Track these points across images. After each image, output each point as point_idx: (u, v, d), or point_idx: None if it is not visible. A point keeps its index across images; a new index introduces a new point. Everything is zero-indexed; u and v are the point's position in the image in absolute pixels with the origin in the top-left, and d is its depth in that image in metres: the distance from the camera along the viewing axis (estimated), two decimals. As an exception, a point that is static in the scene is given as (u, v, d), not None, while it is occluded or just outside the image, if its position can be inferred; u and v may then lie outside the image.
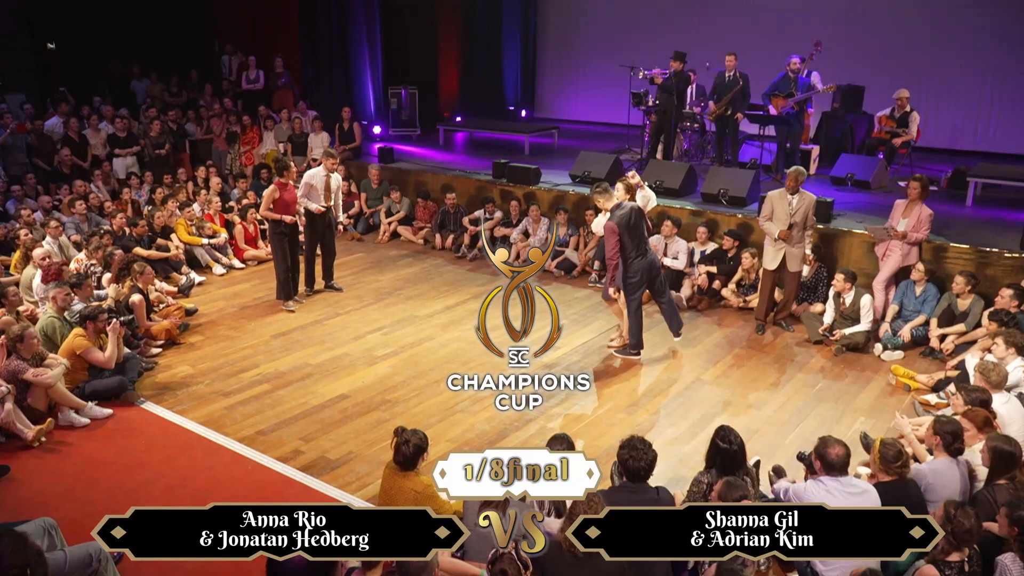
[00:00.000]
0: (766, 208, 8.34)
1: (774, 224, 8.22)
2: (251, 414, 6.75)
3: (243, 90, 15.49)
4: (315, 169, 9.38)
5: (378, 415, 6.73)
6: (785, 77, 11.25)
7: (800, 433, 6.45)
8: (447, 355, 7.94)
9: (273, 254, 9.31)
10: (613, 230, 7.30)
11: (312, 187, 9.21)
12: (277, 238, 9.06)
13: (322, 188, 9.24)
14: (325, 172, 9.26)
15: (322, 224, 9.49)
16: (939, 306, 8.11)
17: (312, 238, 9.59)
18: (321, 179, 9.23)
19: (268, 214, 8.95)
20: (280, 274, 9.19)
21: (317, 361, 7.79)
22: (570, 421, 6.64)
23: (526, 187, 11.39)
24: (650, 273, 7.62)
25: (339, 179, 9.55)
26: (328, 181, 9.27)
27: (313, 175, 9.24)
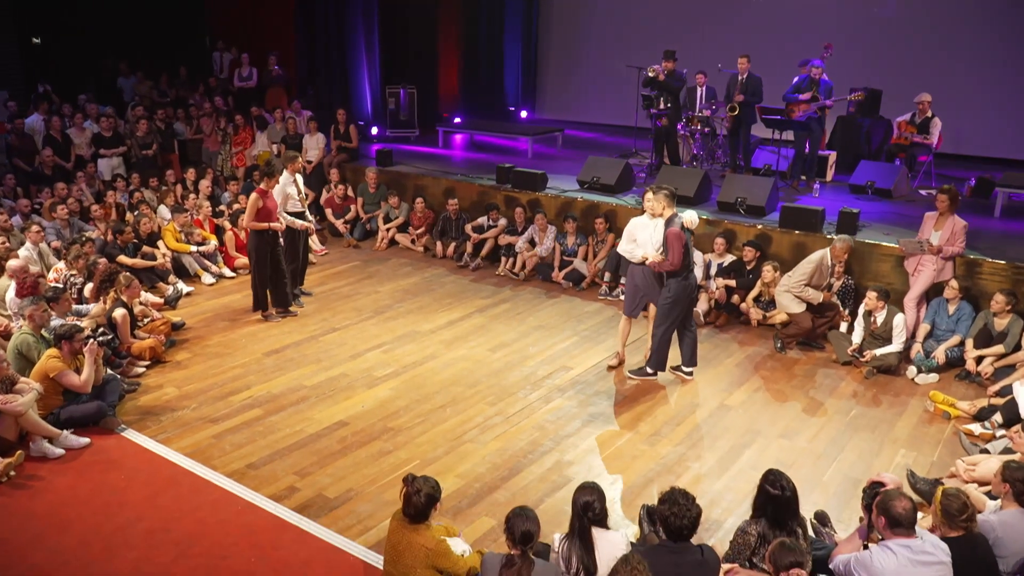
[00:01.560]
0: (810, 274, 7.96)
1: (815, 292, 8.00)
2: (241, 444, 6.21)
3: (235, 88, 14.93)
4: (283, 177, 8.79)
5: (379, 445, 6.20)
6: (809, 80, 10.75)
7: (839, 468, 5.95)
8: (452, 376, 7.41)
9: (251, 265, 8.77)
10: (680, 236, 6.76)
11: (288, 195, 8.72)
12: (259, 249, 8.52)
13: (296, 194, 8.74)
14: (293, 177, 8.76)
15: (298, 235, 9.01)
16: (975, 326, 7.63)
17: (292, 247, 9.06)
18: (292, 186, 8.73)
19: (255, 224, 8.37)
20: (258, 286, 8.67)
21: (313, 382, 7.26)
22: (588, 453, 6.13)
23: (532, 193, 10.87)
24: (692, 294, 7.12)
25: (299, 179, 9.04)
26: (298, 185, 8.80)
27: (285, 186, 8.72)
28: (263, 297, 8.70)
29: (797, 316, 7.95)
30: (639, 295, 7.36)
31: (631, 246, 7.23)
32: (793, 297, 7.96)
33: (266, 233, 8.40)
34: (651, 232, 7.07)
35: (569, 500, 5.44)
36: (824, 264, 7.93)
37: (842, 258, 8.05)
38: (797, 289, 7.91)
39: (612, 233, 10.00)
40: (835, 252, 7.99)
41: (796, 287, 7.91)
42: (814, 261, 7.93)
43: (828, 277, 8.02)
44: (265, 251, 8.46)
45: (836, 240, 8.04)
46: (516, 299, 9.50)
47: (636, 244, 7.19)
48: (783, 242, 9.09)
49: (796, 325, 7.97)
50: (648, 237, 7.09)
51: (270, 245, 8.49)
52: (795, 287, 7.92)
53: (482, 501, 5.49)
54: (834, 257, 7.98)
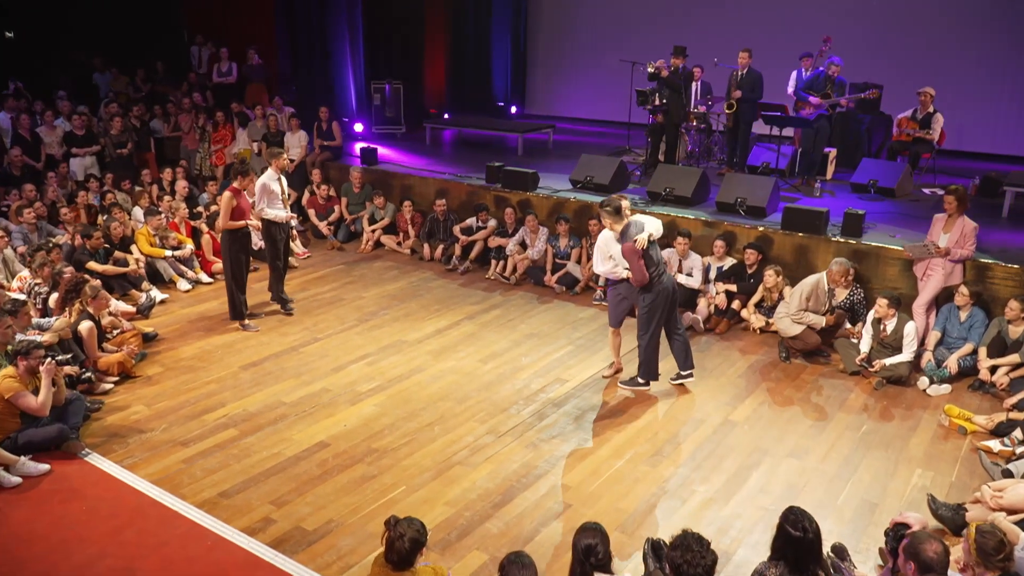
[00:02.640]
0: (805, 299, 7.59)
1: (815, 316, 7.63)
2: (214, 469, 5.79)
3: (214, 84, 14.43)
4: (267, 173, 8.39)
5: (363, 469, 5.79)
6: (825, 76, 10.37)
7: (854, 491, 5.58)
8: (440, 391, 7.00)
9: (225, 271, 8.36)
10: (634, 250, 6.40)
11: (271, 192, 8.28)
12: (232, 252, 8.11)
13: (278, 193, 8.31)
14: (277, 175, 8.33)
15: (282, 234, 8.57)
16: (988, 333, 7.28)
17: (274, 250, 8.63)
18: (276, 183, 8.30)
19: (231, 224, 7.94)
20: (235, 293, 8.27)
21: (292, 399, 6.83)
22: (586, 476, 5.73)
23: (523, 193, 10.46)
24: (669, 298, 6.73)
25: (282, 179, 8.59)
26: (282, 184, 8.36)
27: (267, 183, 8.29)
28: (240, 305, 8.28)
29: (804, 333, 7.57)
30: (624, 304, 7.01)
31: (609, 264, 6.85)
32: (791, 321, 7.60)
33: (239, 235, 7.97)
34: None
35: (566, 529, 5.12)
36: (820, 288, 7.59)
37: (840, 282, 7.71)
38: (796, 317, 7.55)
39: (606, 235, 9.59)
40: (832, 277, 7.65)
41: (795, 315, 7.54)
42: (809, 285, 7.57)
43: (827, 301, 7.66)
44: (240, 255, 8.04)
45: (833, 264, 7.66)
46: (507, 305, 9.09)
47: (613, 260, 6.81)
48: (785, 244, 8.72)
49: (803, 341, 7.59)
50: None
51: (245, 249, 8.07)
52: (794, 315, 7.55)
53: (473, 533, 5.09)
54: (831, 281, 7.64)
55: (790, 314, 7.55)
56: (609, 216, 6.57)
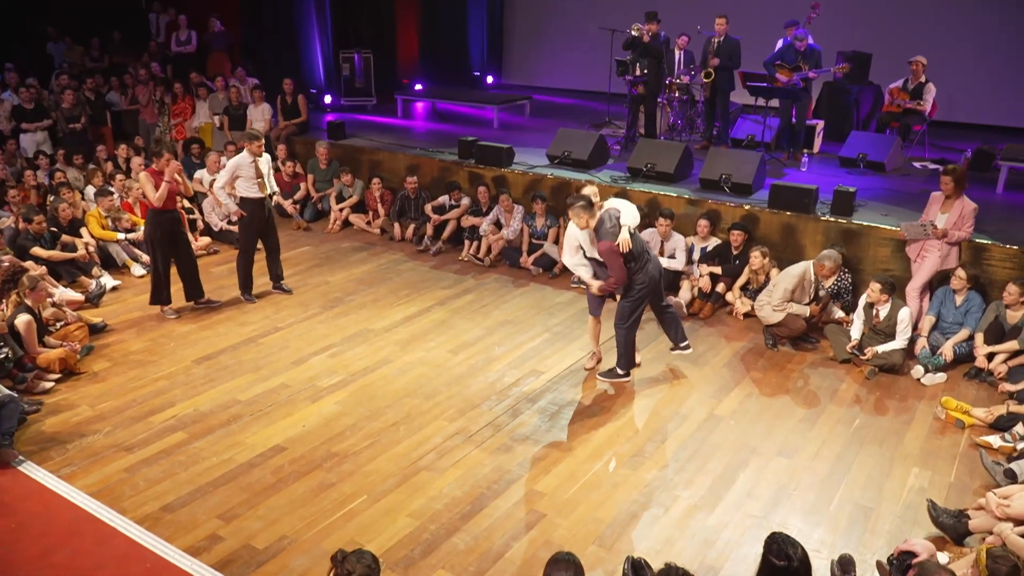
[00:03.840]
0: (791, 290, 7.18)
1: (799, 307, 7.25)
2: (159, 478, 5.33)
3: (173, 53, 13.75)
4: (239, 156, 7.89)
5: (321, 476, 5.35)
6: (790, 47, 9.92)
7: (848, 494, 5.21)
8: (407, 385, 6.56)
9: (150, 255, 7.90)
10: (614, 251, 5.93)
11: (236, 176, 7.78)
12: (153, 235, 7.61)
13: (252, 176, 7.78)
14: (251, 158, 7.79)
15: (260, 218, 8.05)
16: (985, 318, 6.92)
17: (249, 235, 8.13)
18: (248, 166, 7.77)
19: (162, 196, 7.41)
20: (156, 275, 7.76)
21: (248, 396, 6.37)
22: (562, 481, 5.32)
23: (497, 169, 9.95)
24: (655, 284, 6.30)
25: (268, 160, 8.09)
26: (257, 167, 7.82)
27: (239, 163, 7.80)
28: (162, 290, 7.79)
29: (788, 319, 7.18)
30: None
31: (577, 259, 6.40)
32: (772, 311, 7.20)
33: (163, 219, 7.47)
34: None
35: (539, 543, 4.72)
36: (807, 279, 7.19)
37: (828, 276, 7.33)
38: (779, 307, 7.14)
39: (585, 214, 9.13)
40: (820, 271, 7.25)
41: (779, 306, 7.14)
42: (795, 276, 7.14)
43: (812, 292, 7.27)
44: (164, 238, 7.55)
45: (826, 260, 7.23)
46: (480, 289, 8.64)
47: (583, 257, 6.35)
48: (772, 223, 8.30)
49: (787, 327, 7.20)
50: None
51: (169, 232, 7.56)
52: (778, 305, 7.14)
53: (438, 549, 4.68)
54: (818, 274, 7.25)
55: (773, 304, 7.14)
56: (583, 211, 5.98)
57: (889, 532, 4.83)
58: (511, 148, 10.03)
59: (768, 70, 9.96)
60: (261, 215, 8.02)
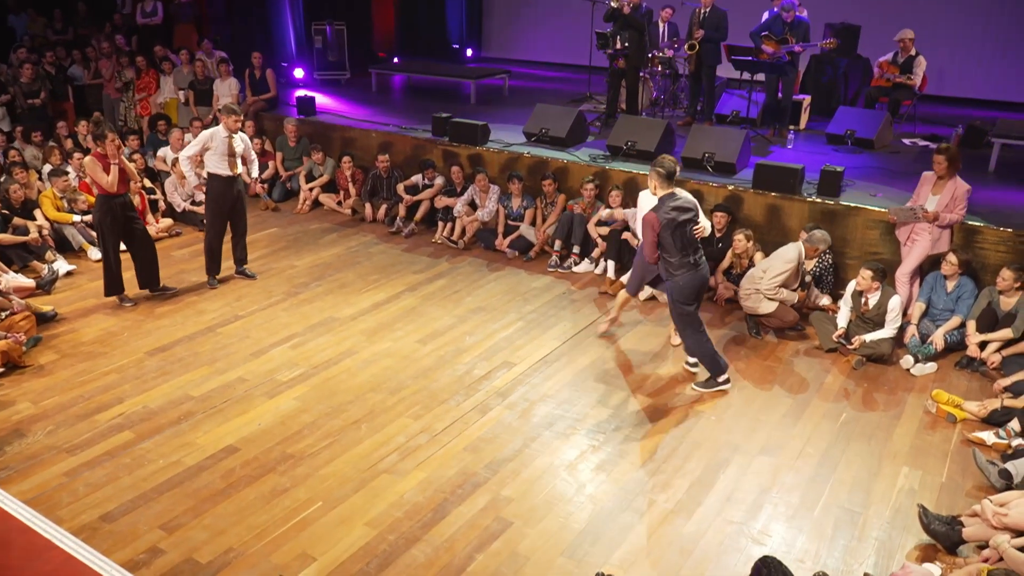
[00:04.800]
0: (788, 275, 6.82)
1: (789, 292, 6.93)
2: (100, 483, 4.98)
3: (138, 25, 13.19)
4: (214, 128, 7.49)
5: (274, 481, 5.02)
6: (777, 18, 9.53)
7: (833, 497, 4.92)
8: (371, 379, 6.21)
9: (99, 241, 7.46)
10: (652, 223, 5.60)
11: (205, 148, 7.38)
12: (103, 221, 7.19)
13: (224, 152, 7.38)
14: (227, 133, 7.38)
15: (229, 197, 7.67)
16: (977, 305, 6.62)
17: (216, 215, 7.74)
18: (222, 141, 7.38)
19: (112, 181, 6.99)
20: (107, 263, 7.35)
21: (201, 391, 6.01)
22: (531, 485, 5.00)
23: (472, 147, 9.55)
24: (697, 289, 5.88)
25: (245, 140, 7.70)
26: (231, 144, 7.41)
27: (212, 135, 7.43)
28: (115, 279, 7.40)
29: (779, 310, 6.85)
30: (648, 274, 6.31)
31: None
32: (763, 298, 6.87)
33: (113, 204, 7.05)
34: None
35: (506, 554, 4.41)
36: (801, 262, 6.85)
37: (815, 256, 7.03)
38: (771, 292, 6.80)
39: (563, 194, 8.78)
40: (809, 253, 6.94)
41: (770, 290, 6.80)
42: (792, 260, 6.78)
43: (801, 276, 6.95)
44: (115, 223, 7.13)
45: (819, 241, 6.93)
46: (454, 273, 8.27)
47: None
48: (756, 205, 7.96)
49: (779, 319, 6.87)
50: None
51: (121, 218, 7.15)
52: (769, 290, 6.81)
53: (396, 562, 4.36)
54: (808, 254, 6.92)
55: (764, 291, 6.80)
56: (657, 178, 5.65)
57: (878, 540, 4.55)
58: (486, 125, 9.61)
59: (754, 41, 9.57)
60: (229, 194, 7.63)
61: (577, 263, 8.36)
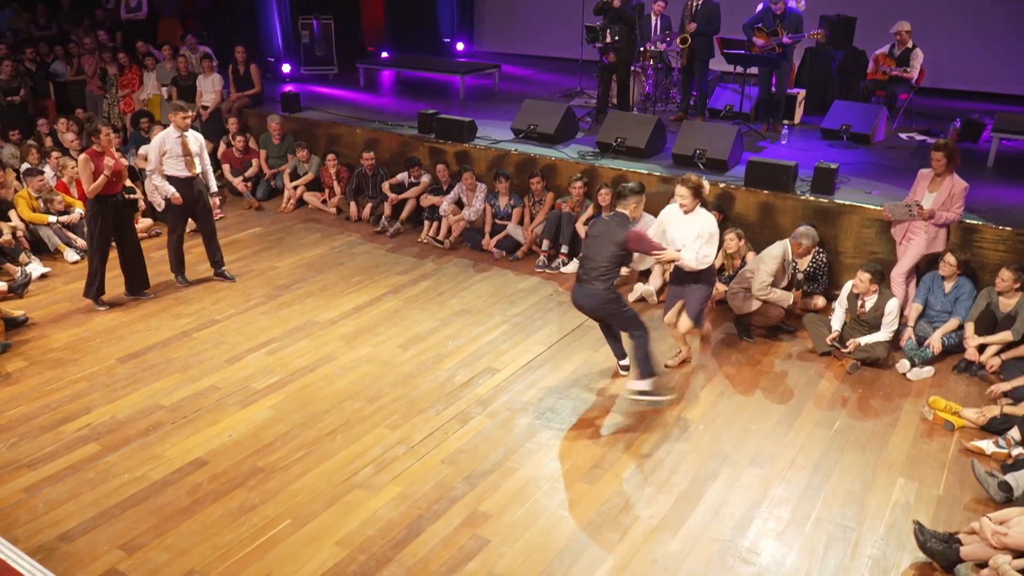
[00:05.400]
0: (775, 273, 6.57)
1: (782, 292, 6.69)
2: (61, 500, 4.78)
3: (123, 20, 12.95)
4: (165, 131, 7.30)
5: (242, 497, 4.81)
6: (768, 10, 9.29)
7: (825, 511, 4.72)
8: (349, 387, 6.01)
9: (88, 242, 7.30)
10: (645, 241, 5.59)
11: (162, 153, 7.20)
12: (95, 222, 7.00)
13: (179, 153, 7.19)
14: (178, 132, 7.19)
15: (190, 199, 7.47)
16: (976, 306, 6.42)
17: (179, 218, 7.57)
18: (175, 142, 7.18)
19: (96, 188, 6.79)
20: (93, 265, 7.18)
21: (172, 400, 5.81)
22: (510, 500, 4.80)
23: (459, 144, 9.32)
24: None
25: (199, 138, 7.52)
26: (185, 143, 7.21)
27: (164, 138, 7.24)
28: (97, 282, 7.22)
29: (762, 308, 6.64)
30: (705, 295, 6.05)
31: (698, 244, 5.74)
32: (747, 297, 6.67)
33: (107, 204, 6.87)
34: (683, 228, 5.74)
35: (483, 575, 4.22)
36: (787, 259, 6.63)
37: (804, 255, 6.80)
38: (762, 294, 6.58)
39: (551, 192, 8.56)
40: (796, 249, 6.72)
41: (761, 292, 6.58)
42: (777, 257, 6.56)
43: (790, 274, 6.73)
44: (107, 225, 6.95)
45: (802, 236, 6.69)
46: (439, 274, 8.06)
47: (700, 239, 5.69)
48: (749, 203, 7.74)
49: (763, 315, 6.67)
50: (679, 234, 5.74)
51: (114, 218, 6.97)
52: (760, 292, 6.59)
53: (366, 584, 4.17)
54: (795, 253, 6.72)
55: (756, 294, 6.59)
56: (688, 190, 5.57)
57: (871, 558, 4.35)
58: (473, 122, 9.38)
59: (746, 34, 9.35)
60: (190, 196, 7.46)
61: (565, 263, 8.14)
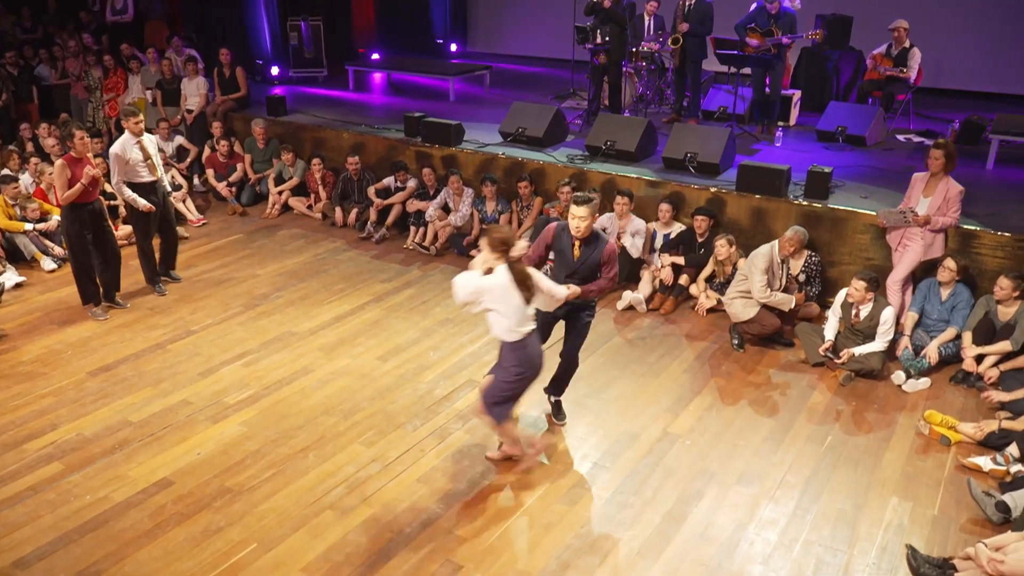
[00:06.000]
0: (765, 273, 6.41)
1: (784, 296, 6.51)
2: (19, 523, 4.58)
3: (109, 23, 12.76)
4: (121, 140, 7.11)
5: (207, 519, 4.62)
6: (762, 9, 9.09)
7: (814, 534, 4.51)
8: (325, 401, 5.81)
9: (67, 252, 7.15)
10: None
11: (125, 162, 7.04)
12: (72, 230, 6.84)
13: (139, 159, 7.03)
14: (134, 139, 7.04)
15: (155, 203, 7.30)
16: (974, 315, 6.21)
17: (141, 223, 7.40)
18: (133, 148, 7.03)
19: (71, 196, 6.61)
20: (79, 273, 7.02)
21: (141, 416, 5.61)
22: (487, 522, 4.60)
23: (446, 148, 9.13)
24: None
25: (154, 140, 7.43)
26: (143, 147, 7.08)
27: (122, 147, 7.07)
28: (91, 288, 7.07)
29: (761, 315, 6.44)
30: None
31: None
32: (747, 303, 6.47)
33: (82, 211, 6.69)
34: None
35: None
36: (774, 262, 6.44)
37: (790, 251, 6.61)
38: (764, 297, 6.38)
39: (539, 197, 8.37)
40: (785, 250, 6.55)
41: (763, 295, 6.37)
42: (765, 256, 6.40)
43: (782, 275, 6.54)
44: (82, 233, 6.78)
45: (786, 235, 6.56)
46: (423, 282, 7.86)
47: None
48: (741, 207, 7.54)
49: (759, 324, 6.47)
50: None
51: (90, 226, 6.81)
52: (761, 296, 6.38)
53: (330, 615, 3.97)
54: (783, 252, 6.52)
55: (756, 296, 6.37)
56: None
57: (861, 584, 4.15)
58: (460, 125, 9.18)
59: (739, 34, 9.14)
60: (154, 201, 7.27)
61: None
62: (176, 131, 10.58)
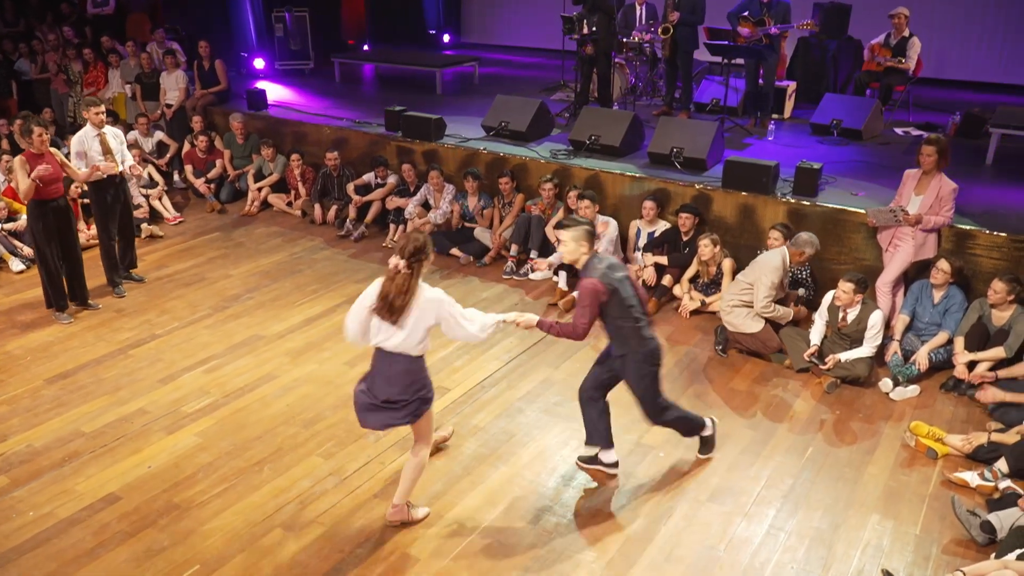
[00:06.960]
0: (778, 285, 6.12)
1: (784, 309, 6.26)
2: (-45, 543, 4.39)
3: (90, 15, 12.53)
4: (81, 131, 6.93)
5: (151, 538, 4.40)
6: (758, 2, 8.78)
7: (788, 554, 4.27)
8: (286, 409, 5.59)
9: (34, 252, 6.99)
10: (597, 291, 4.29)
11: (85, 156, 6.85)
12: (37, 228, 6.65)
13: (99, 152, 6.83)
14: (95, 131, 6.85)
15: (111, 196, 7.14)
16: (966, 319, 5.94)
17: (103, 218, 7.19)
18: (93, 141, 6.83)
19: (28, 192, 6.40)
20: (44, 275, 6.82)
21: (95, 427, 5.40)
22: (444, 540, 4.37)
23: (427, 143, 8.87)
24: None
25: (118, 134, 7.21)
26: (104, 140, 6.87)
27: (82, 139, 6.89)
28: (57, 290, 6.87)
29: (764, 333, 6.14)
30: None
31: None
32: (750, 314, 6.15)
33: (46, 209, 6.49)
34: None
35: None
36: (786, 269, 6.15)
37: (801, 261, 6.30)
38: (767, 311, 6.09)
39: (521, 194, 8.12)
40: (797, 259, 6.20)
41: (765, 310, 6.09)
42: (778, 269, 6.05)
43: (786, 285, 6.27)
44: (50, 229, 6.58)
45: (806, 245, 6.11)
46: (400, 282, 7.61)
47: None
48: (727, 205, 7.27)
49: (761, 342, 6.15)
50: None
51: (56, 223, 6.60)
52: (764, 310, 6.10)
53: (269, 645, 3.75)
54: (794, 263, 6.23)
55: (759, 310, 6.08)
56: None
57: (834, 612, 3.91)
58: (441, 119, 8.92)
59: (731, 22, 8.85)
60: (114, 194, 7.11)
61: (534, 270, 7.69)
62: (156, 126, 10.37)
